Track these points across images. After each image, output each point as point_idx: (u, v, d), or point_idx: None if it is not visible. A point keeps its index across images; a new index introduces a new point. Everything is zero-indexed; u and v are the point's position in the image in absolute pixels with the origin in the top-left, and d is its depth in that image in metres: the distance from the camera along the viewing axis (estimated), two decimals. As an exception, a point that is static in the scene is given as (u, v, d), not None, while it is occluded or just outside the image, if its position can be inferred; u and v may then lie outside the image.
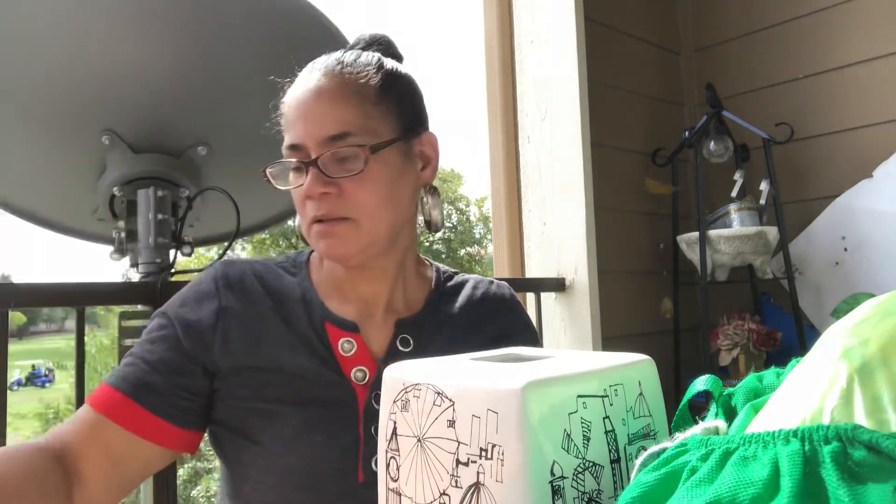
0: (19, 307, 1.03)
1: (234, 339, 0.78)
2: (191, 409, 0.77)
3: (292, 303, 0.82)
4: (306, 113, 0.78)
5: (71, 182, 1.21)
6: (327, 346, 0.80)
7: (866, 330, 0.33)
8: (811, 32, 2.07)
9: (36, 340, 39.61)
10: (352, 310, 0.84)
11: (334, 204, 0.77)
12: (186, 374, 0.77)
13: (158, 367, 0.76)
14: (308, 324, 0.81)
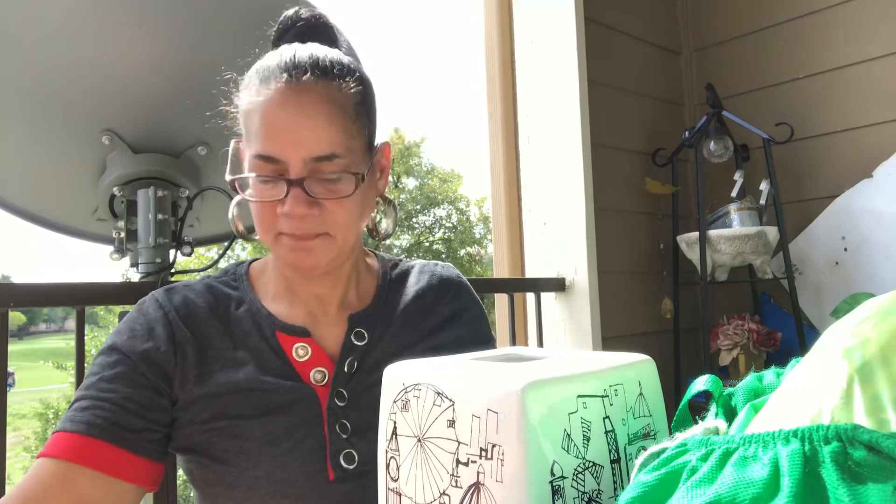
0: (19, 307, 1.03)
1: (190, 367, 0.77)
2: (161, 441, 0.77)
3: (239, 319, 0.81)
4: (287, 127, 0.73)
5: (71, 182, 1.20)
6: (281, 356, 0.80)
7: (866, 330, 0.33)
8: (811, 32, 2.07)
9: (36, 340, 39.62)
10: (301, 312, 0.84)
11: (312, 223, 0.76)
12: (155, 407, 0.75)
13: (125, 405, 0.73)
14: (259, 337, 0.80)
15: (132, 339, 0.77)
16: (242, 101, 0.78)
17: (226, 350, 0.79)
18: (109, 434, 0.71)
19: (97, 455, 0.70)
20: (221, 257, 1.30)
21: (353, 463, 0.77)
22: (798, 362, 0.39)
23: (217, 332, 0.80)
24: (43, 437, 10.61)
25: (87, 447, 0.70)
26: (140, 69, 1.11)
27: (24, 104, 1.12)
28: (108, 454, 0.71)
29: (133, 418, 0.73)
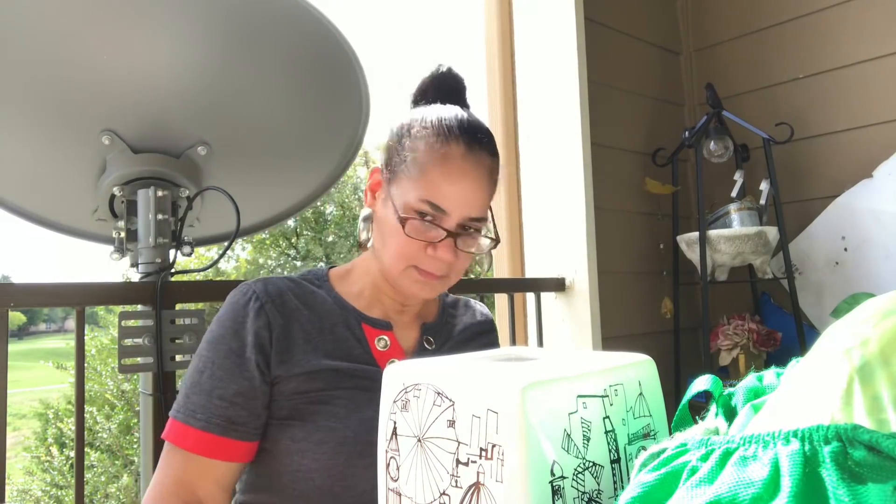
0: (19, 307, 1.03)
1: (284, 349, 0.86)
2: (264, 421, 0.87)
3: (327, 312, 0.91)
4: (460, 187, 0.86)
5: (71, 182, 1.20)
6: (364, 345, 0.91)
7: (866, 330, 0.33)
8: (811, 32, 2.07)
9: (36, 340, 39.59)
10: (380, 312, 0.96)
11: (447, 267, 0.89)
12: (259, 395, 0.85)
13: (236, 401, 0.84)
14: (346, 328, 0.91)
15: (234, 330, 0.87)
16: (415, 144, 0.87)
17: (315, 335, 0.89)
18: (226, 430, 0.84)
19: (222, 449, 0.84)
20: (221, 257, 1.30)
21: None
22: (798, 362, 0.39)
23: (307, 318, 0.90)
24: (43, 437, 10.59)
25: (222, 446, 0.84)
26: (140, 69, 1.11)
27: (24, 104, 1.11)
28: (237, 448, 0.84)
29: (242, 411, 0.84)
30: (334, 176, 1.38)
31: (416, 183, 0.86)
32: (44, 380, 17.75)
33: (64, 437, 10.19)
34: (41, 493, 9.50)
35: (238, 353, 0.86)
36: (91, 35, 1.06)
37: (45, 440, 10.42)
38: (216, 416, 0.84)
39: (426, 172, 0.86)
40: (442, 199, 0.85)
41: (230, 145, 1.25)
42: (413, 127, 0.89)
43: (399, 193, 0.87)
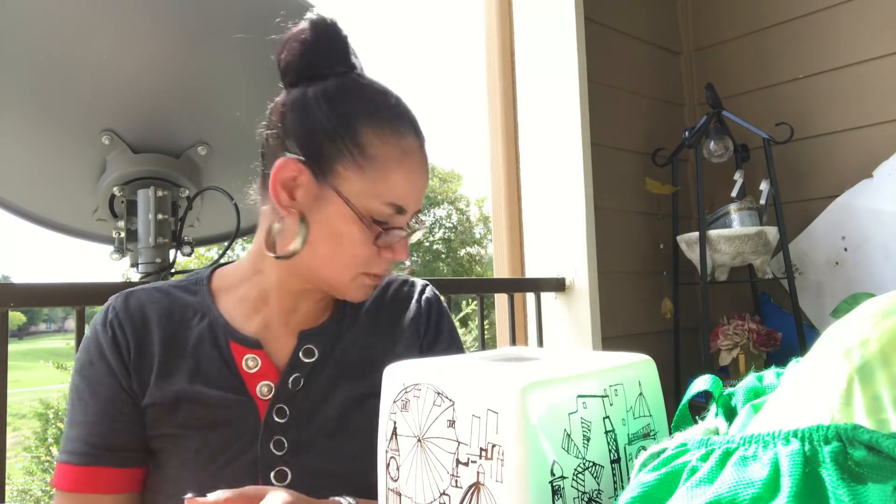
0: (19, 307, 1.03)
1: (140, 375, 0.79)
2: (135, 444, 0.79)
3: (193, 327, 0.81)
4: (418, 185, 0.80)
5: (71, 182, 1.20)
6: (231, 366, 0.80)
7: (866, 330, 0.33)
8: (811, 32, 2.07)
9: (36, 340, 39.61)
10: (257, 325, 0.83)
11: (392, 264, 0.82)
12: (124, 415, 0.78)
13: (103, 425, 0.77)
14: (212, 345, 0.80)
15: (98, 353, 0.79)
16: (368, 141, 0.77)
17: (175, 358, 0.79)
18: (96, 458, 0.76)
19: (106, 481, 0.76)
20: (221, 257, 1.30)
21: (284, 481, 0.76)
22: (798, 362, 0.39)
23: (169, 338, 0.80)
24: (43, 437, 10.61)
25: (86, 475, 0.76)
26: (140, 69, 1.11)
27: (24, 104, 1.12)
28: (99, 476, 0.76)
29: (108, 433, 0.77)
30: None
31: (375, 185, 0.76)
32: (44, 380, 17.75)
33: (64, 437, 10.19)
34: (41, 493, 9.50)
35: (102, 376, 0.78)
36: (91, 35, 1.06)
37: (45, 440, 10.42)
38: (86, 443, 0.76)
39: (387, 171, 0.76)
40: (404, 199, 0.78)
41: (230, 145, 1.25)
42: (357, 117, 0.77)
43: (353, 193, 0.76)
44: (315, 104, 0.77)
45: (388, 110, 0.79)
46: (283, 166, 0.76)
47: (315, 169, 0.76)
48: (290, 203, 0.77)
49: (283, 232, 0.79)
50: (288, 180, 0.77)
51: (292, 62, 0.80)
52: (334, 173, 0.76)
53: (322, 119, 0.77)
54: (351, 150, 0.76)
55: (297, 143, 0.77)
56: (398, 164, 0.77)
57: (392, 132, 0.78)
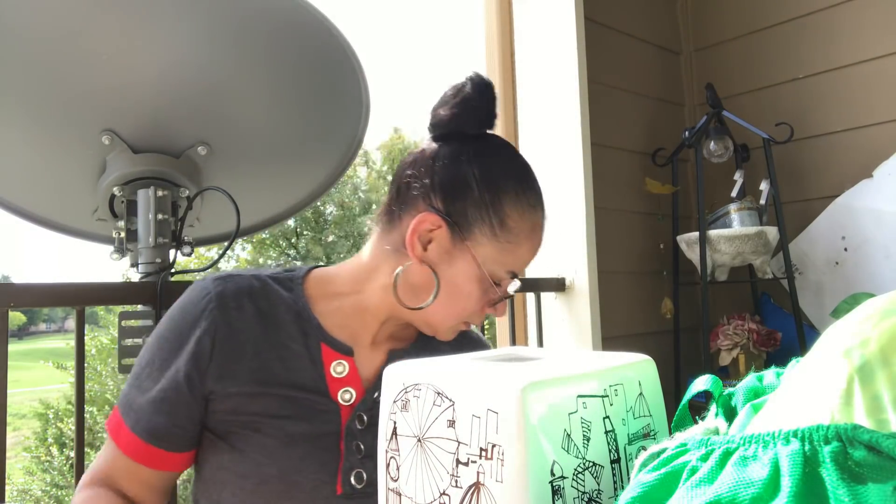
0: (19, 307, 1.03)
1: (225, 364, 0.80)
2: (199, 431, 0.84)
3: (287, 322, 0.84)
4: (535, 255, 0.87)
5: (71, 182, 1.20)
6: (319, 368, 0.82)
7: (866, 330, 0.33)
8: (811, 32, 2.07)
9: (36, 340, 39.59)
10: (348, 333, 0.86)
11: None
12: (196, 409, 0.81)
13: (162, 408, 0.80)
14: (303, 344, 0.83)
15: (178, 333, 0.81)
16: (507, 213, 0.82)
17: (266, 349, 0.81)
18: (161, 441, 0.81)
19: (154, 458, 0.81)
20: (221, 257, 1.30)
21: (361, 483, 0.80)
22: (798, 362, 0.39)
23: (262, 329, 0.82)
24: (43, 438, 10.60)
25: (148, 452, 0.81)
26: (140, 69, 1.11)
27: (24, 104, 1.11)
28: (162, 457, 0.82)
29: (165, 420, 0.80)
30: (334, 176, 1.38)
31: (504, 255, 0.82)
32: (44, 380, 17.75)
33: (64, 437, 10.19)
34: (41, 493, 9.51)
35: (173, 360, 0.80)
36: (91, 35, 1.06)
37: (45, 440, 10.42)
38: (143, 419, 0.80)
39: (517, 245, 0.82)
40: (522, 268, 0.86)
41: (230, 145, 1.25)
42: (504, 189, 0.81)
43: (485, 257, 0.81)
44: (467, 167, 0.82)
45: (530, 188, 0.84)
46: (425, 219, 0.81)
47: (454, 228, 0.81)
48: (422, 254, 0.82)
49: (407, 276, 0.83)
50: (425, 232, 0.81)
51: (447, 118, 0.83)
52: (471, 236, 0.81)
53: (472, 184, 0.81)
54: (492, 220, 0.81)
55: (442, 199, 0.81)
56: (527, 238, 0.83)
57: (529, 209, 0.83)
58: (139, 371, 0.83)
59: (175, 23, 1.09)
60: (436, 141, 0.85)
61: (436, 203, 0.81)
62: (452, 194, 0.81)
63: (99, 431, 9.29)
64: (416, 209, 0.82)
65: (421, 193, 0.82)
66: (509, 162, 0.84)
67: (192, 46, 1.12)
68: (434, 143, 0.85)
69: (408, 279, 0.83)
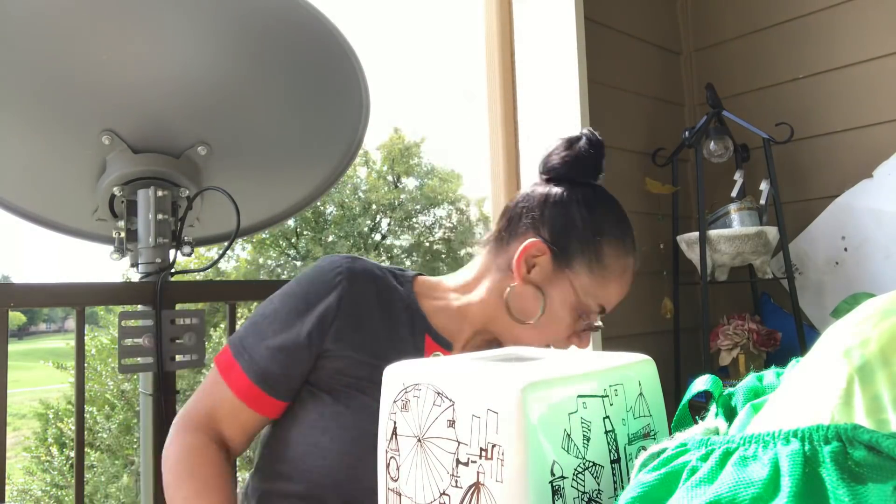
0: (19, 307, 1.03)
1: (345, 329, 0.88)
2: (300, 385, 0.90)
3: (399, 310, 0.93)
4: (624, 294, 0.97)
5: (71, 182, 1.20)
6: (420, 355, 0.92)
7: (866, 330, 0.33)
8: (811, 32, 2.07)
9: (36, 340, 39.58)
10: (446, 333, 0.96)
11: None
12: (308, 364, 0.88)
13: (278, 357, 0.87)
14: (409, 332, 0.93)
15: (307, 293, 0.90)
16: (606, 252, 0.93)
17: (379, 328, 0.90)
18: (272, 389, 0.88)
19: (260, 403, 0.88)
20: (221, 257, 1.30)
21: None
22: (798, 362, 0.39)
23: (378, 309, 0.91)
24: (43, 437, 10.59)
25: (254, 394, 0.88)
26: (140, 70, 1.11)
27: (24, 104, 1.11)
28: (267, 402, 0.88)
29: (279, 368, 0.87)
30: (334, 176, 1.38)
31: (597, 288, 0.93)
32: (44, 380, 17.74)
33: (64, 437, 10.19)
34: (41, 493, 9.51)
35: (299, 314, 0.88)
36: (91, 35, 1.06)
37: (45, 440, 10.42)
38: (257, 363, 0.87)
39: (609, 281, 0.93)
40: (609, 305, 0.96)
41: (230, 145, 1.25)
42: (604, 230, 0.94)
43: (580, 287, 0.92)
44: (576, 208, 0.94)
45: (627, 236, 0.96)
46: (532, 245, 0.92)
47: (557, 256, 0.92)
48: (526, 276, 0.93)
49: (515, 295, 0.94)
50: (530, 257, 0.93)
51: (560, 165, 0.98)
52: (571, 266, 0.92)
53: (578, 222, 0.93)
54: (590, 255, 0.92)
55: (549, 231, 0.93)
56: (618, 277, 0.95)
57: (624, 252, 0.95)
58: (260, 320, 0.90)
59: (175, 24, 1.09)
60: (547, 183, 0.98)
61: (543, 233, 0.93)
62: (559, 228, 0.93)
63: (99, 431, 9.30)
64: (525, 237, 0.94)
65: (530, 225, 0.94)
66: (612, 210, 0.97)
67: (192, 47, 1.12)
68: (545, 184, 0.98)
69: (517, 299, 0.93)
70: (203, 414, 0.89)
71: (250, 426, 0.90)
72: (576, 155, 0.97)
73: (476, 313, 0.96)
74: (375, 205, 17.94)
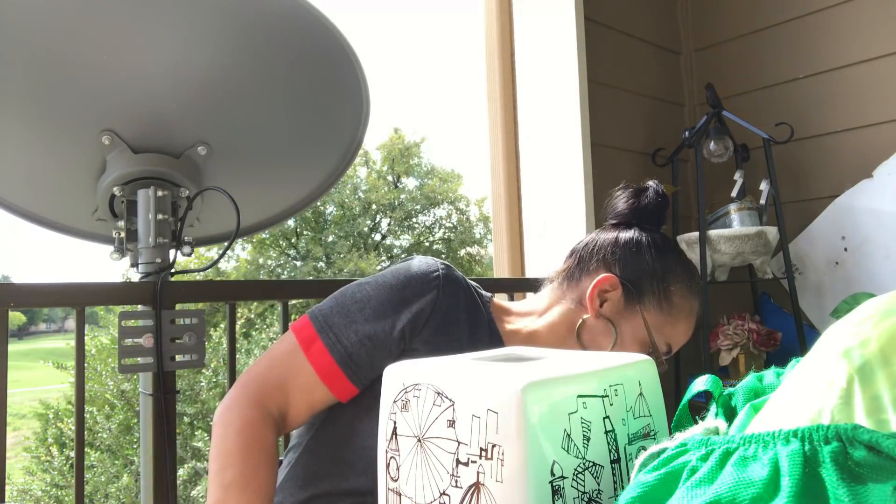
0: (19, 307, 1.03)
1: (433, 332, 0.90)
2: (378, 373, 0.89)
3: (481, 325, 0.96)
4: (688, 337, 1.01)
5: (71, 182, 1.20)
6: None
7: (866, 330, 0.33)
8: (811, 32, 2.07)
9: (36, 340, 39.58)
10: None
11: None
12: (388, 351, 0.88)
13: (365, 343, 0.87)
14: (487, 346, 0.93)
15: (403, 287, 0.91)
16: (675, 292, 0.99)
17: (463, 337, 0.92)
18: (353, 373, 0.87)
19: (337, 383, 0.88)
20: (221, 257, 1.30)
21: None
22: (798, 362, 0.39)
23: (464, 320, 0.93)
24: (43, 437, 10.58)
25: (334, 374, 0.87)
26: (140, 69, 1.11)
27: (24, 104, 1.11)
28: (344, 384, 0.88)
29: (365, 354, 0.87)
30: (334, 176, 1.38)
31: (666, 326, 0.98)
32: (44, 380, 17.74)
33: (64, 437, 10.19)
34: (41, 493, 9.50)
35: (394, 308, 0.89)
36: (91, 35, 1.06)
37: (45, 440, 10.42)
38: (343, 344, 0.87)
39: (677, 321, 0.98)
40: (676, 345, 1.00)
41: (230, 145, 1.25)
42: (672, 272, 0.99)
43: (651, 323, 0.97)
44: (647, 250, 1.00)
45: (693, 280, 1.02)
46: (606, 279, 0.97)
47: (629, 292, 0.97)
48: (598, 309, 0.97)
49: (588, 328, 0.98)
50: (603, 291, 0.98)
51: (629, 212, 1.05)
52: (642, 302, 0.97)
53: (649, 261, 0.99)
54: (660, 292, 0.98)
55: (621, 268, 0.99)
56: (685, 318, 1.00)
57: (690, 293, 1.00)
58: (349, 301, 0.90)
59: (175, 23, 1.09)
60: (615, 227, 1.04)
61: (615, 270, 0.99)
62: (631, 265, 0.99)
63: (99, 431, 9.29)
64: (597, 273, 0.99)
65: (601, 262, 1.00)
66: (679, 254, 1.02)
67: (192, 46, 1.12)
68: (614, 228, 1.04)
69: (585, 331, 0.98)
70: (273, 385, 0.87)
71: (318, 404, 0.89)
72: (644, 204, 1.04)
73: (544, 338, 1.00)
74: (375, 205, 17.94)
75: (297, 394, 0.87)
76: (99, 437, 9.34)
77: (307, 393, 0.88)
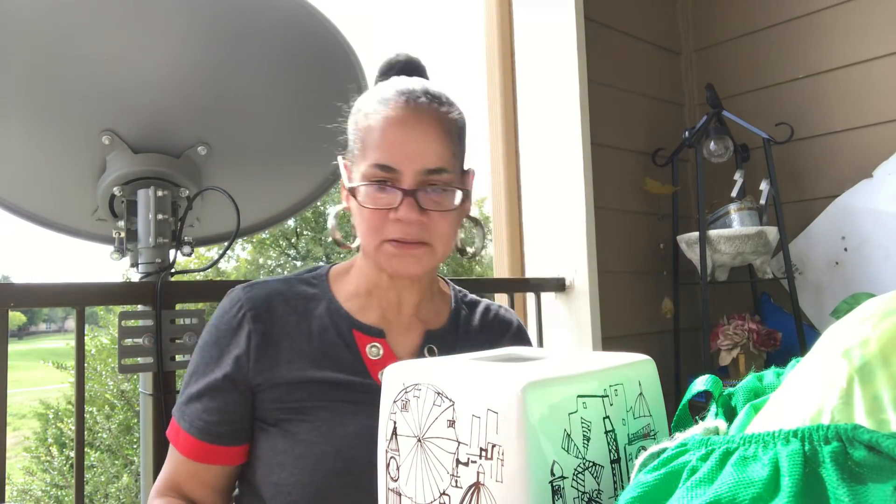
0: (19, 307, 1.03)
1: (265, 359, 0.86)
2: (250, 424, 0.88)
3: (318, 315, 0.89)
4: (405, 141, 0.84)
5: (71, 182, 1.20)
6: (355, 353, 0.88)
7: (866, 330, 0.33)
8: (811, 32, 2.07)
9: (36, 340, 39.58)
10: (376, 316, 0.91)
11: (418, 230, 0.84)
12: (245, 403, 0.86)
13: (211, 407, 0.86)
14: (336, 333, 0.88)
15: (217, 338, 0.88)
16: (359, 120, 0.88)
17: (302, 342, 0.87)
18: (217, 439, 0.86)
19: (212, 455, 0.86)
20: (221, 257, 1.30)
21: None
22: (798, 362, 0.39)
23: (294, 324, 0.88)
24: (43, 437, 10.59)
25: (204, 449, 0.86)
26: (140, 69, 1.11)
27: (24, 104, 1.11)
28: (221, 452, 0.86)
29: (218, 419, 0.85)
30: (334, 176, 1.38)
31: (365, 152, 0.85)
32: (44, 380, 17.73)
33: (64, 437, 10.19)
34: (41, 493, 9.50)
35: (216, 363, 0.86)
36: (91, 35, 1.06)
37: (45, 440, 10.41)
38: (197, 419, 0.86)
39: (371, 138, 0.85)
40: (389, 158, 0.83)
41: (230, 145, 1.25)
42: (357, 106, 0.90)
43: (356, 171, 0.87)
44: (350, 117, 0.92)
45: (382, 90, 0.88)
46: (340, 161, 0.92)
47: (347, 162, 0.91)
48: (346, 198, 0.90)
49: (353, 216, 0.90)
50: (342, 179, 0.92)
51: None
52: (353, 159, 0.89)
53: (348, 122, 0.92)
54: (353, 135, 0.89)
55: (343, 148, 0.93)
56: (380, 128, 0.85)
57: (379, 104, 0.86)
58: (187, 380, 0.89)
59: (175, 23, 1.09)
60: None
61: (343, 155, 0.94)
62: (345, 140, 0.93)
63: (99, 431, 9.29)
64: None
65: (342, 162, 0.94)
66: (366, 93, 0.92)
67: (192, 47, 1.12)
68: None
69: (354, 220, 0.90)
70: (169, 483, 0.88)
71: (215, 481, 0.87)
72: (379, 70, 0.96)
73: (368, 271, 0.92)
74: (375, 205, 17.90)
75: (189, 484, 0.87)
76: (99, 437, 9.33)
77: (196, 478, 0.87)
